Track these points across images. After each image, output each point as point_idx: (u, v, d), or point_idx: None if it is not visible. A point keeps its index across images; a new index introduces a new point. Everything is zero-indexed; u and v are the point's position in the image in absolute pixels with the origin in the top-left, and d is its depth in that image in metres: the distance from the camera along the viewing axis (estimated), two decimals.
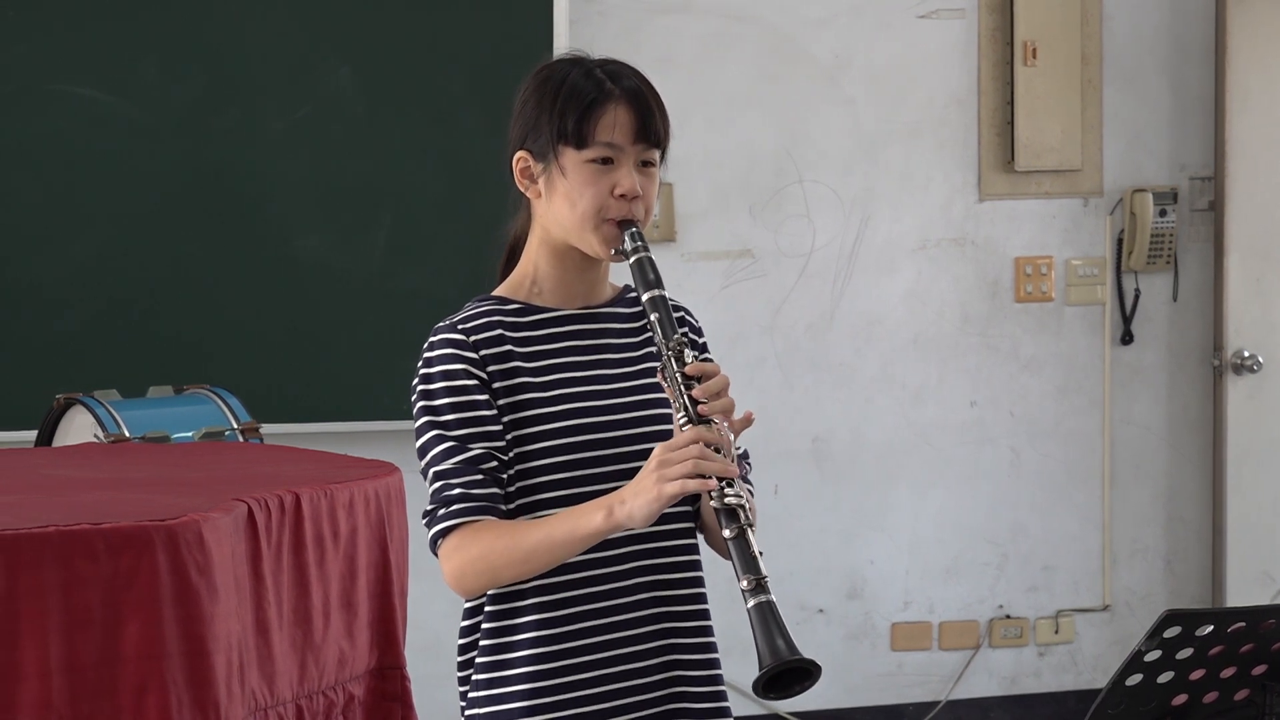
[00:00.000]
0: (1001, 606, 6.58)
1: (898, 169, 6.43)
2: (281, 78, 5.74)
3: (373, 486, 3.47)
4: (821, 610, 6.41)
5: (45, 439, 4.80)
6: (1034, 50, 6.41)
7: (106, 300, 5.62)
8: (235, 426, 4.66)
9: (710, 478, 2.55)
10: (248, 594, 3.06)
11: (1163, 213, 6.54)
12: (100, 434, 4.53)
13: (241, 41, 5.70)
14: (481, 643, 2.77)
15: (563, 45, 5.86)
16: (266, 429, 4.85)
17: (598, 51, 2.88)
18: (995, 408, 6.55)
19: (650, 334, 2.76)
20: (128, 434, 4.52)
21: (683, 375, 2.64)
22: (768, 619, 2.50)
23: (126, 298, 5.64)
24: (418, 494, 2.83)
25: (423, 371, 2.75)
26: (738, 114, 6.24)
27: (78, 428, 4.70)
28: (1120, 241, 6.61)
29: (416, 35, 5.82)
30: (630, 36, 6.07)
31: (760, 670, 2.48)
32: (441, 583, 2.74)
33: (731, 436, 2.63)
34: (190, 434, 4.60)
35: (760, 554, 2.56)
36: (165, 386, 5.05)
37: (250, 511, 3.10)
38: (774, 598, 2.53)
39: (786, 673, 2.49)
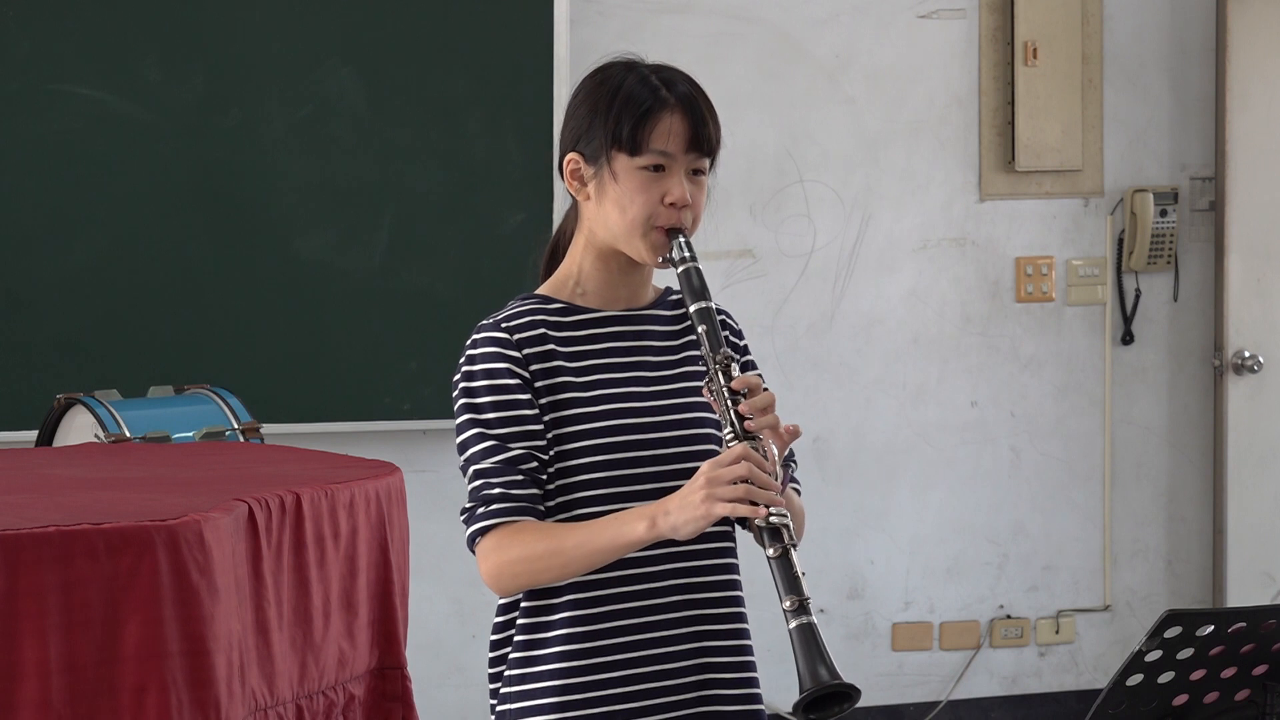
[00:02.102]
0: (1002, 606, 6.58)
1: (898, 169, 6.43)
2: (283, 78, 5.74)
3: (373, 486, 3.47)
4: (822, 610, 6.40)
5: (46, 439, 4.80)
6: (1034, 50, 6.41)
7: (107, 300, 5.62)
8: (236, 426, 4.66)
9: (759, 504, 2.57)
10: (248, 594, 3.06)
11: (1163, 213, 6.54)
12: (101, 434, 4.53)
13: (243, 41, 5.70)
14: (516, 638, 2.77)
15: (563, 45, 5.86)
16: (267, 429, 4.85)
17: (597, 52, 2.89)
18: (996, 408, 6.55)
19: (692, 336, 2.79)
20: (128, 434, 4.52)
21: (729, 390, 2.66)
22: (809, 642, 2.54)
23: (127, 298, 5.64)
24: (418, 494, 2.83)
25: (465, 369, 2.76)
26: (738, 114, 6.23)
27: (78, 428, 4.70)
28: (1121, 241, 6.61)
29: (417, 35, 5.82)
30: (631, 36, 6.07)
31: (801, 693, 2.49)
32: (443, 583, 2.75)
33: (776, 452, 2.65)
34: (191, 434, 4.60)
35: (803, 574, 2.58)
36: (166, 386, 5.05)
37: (251, 511, 3.10)
38: (816, 619, 2.55)
39: (826, 695, 2.52)
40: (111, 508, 3.06)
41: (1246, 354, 6.57)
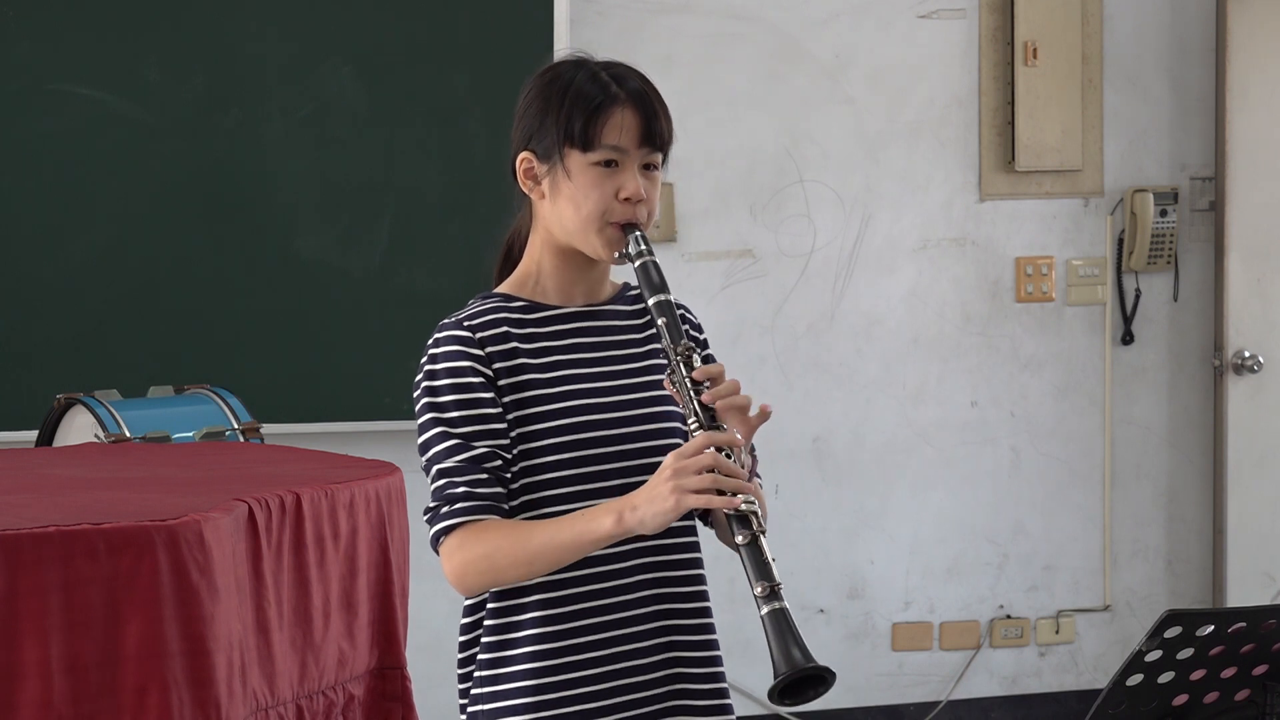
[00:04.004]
0: (1002, 606, 6.58)
1: (898, 169, 6.43)
2: (283, 77, 5.74)
3: (373, 486, 3.47)
4: (822, 610, 6.41)
5: (46, 439, 4.80)
6: (1034, 50, 6.41)
7: (107, 300, 5.62)
8: (236, 426, 4.66)
9: (727, 492, 2.56)
10: (248, 594, 3.06)
11: (1163, 213, 6.54)
12: (101, 434, 4.53)
13: (243, 41, 5.70)
14: (484, 640, 2.77)
15: (563, 45, 5.86)
16: (267, 429, 4.85)
17: (599, 51, 2.88)
18: (996, 408, 6.55)
19: (654, 331, 2.78)
20: (128, 434, 4.52)
21: (691, 380, 2.66)
22: (781, 627, 2.52)
23: (127, 298, 5.64)
24: (418, 494, 2.83)
25: (427, 368, 2.76)
26: (738, 114, 6.23)
27: (78, 428, 4.70)
28: (1121, 241, 6.61)
29: (417, 35, 5.83)
30: (630, 36, 6.07)
31: (775, 678, 2.48)
32: (443, 583, 2.75)
33: (740, 438, 2.64)
34: (191, 434, 4.60)
35: (773, 560, 2.57)
36: (166, 386, 5.05)
37: (251, 511, 3.10)
38: (788, 605, 2.54)
39: (801, 679, 2.51)
40: (111, 508, 3.06)
41: (1246, 354, 6.57)
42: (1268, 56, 6.55)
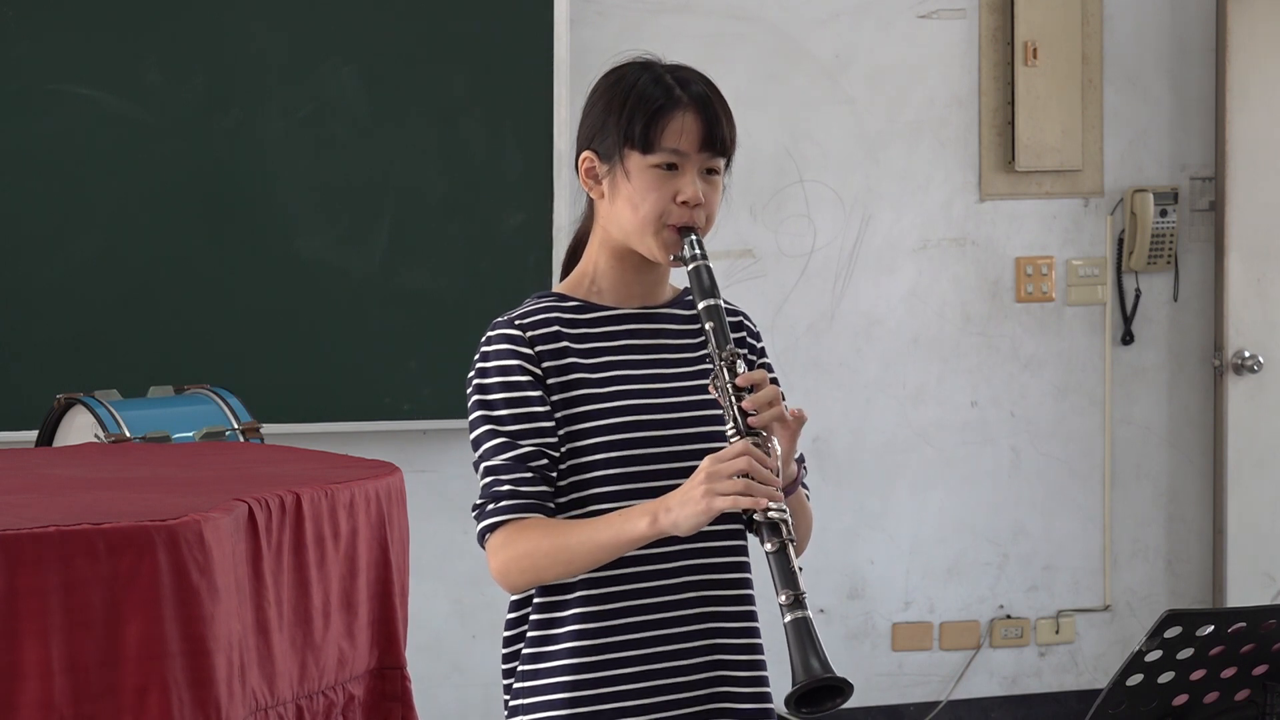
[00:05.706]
0: (1002, 606, 6.58)
1: (898, 169, 6.43)
2: (283, 77, 5.74)
3: (373, 487, 3.47)
4: (822, 610, 6.41)
5: (46, 439, 4.80)
6: (1034, 50, 6.41)
7: (106, 300, 5.62)
8: (236, 426, 4.66)
9: (758, 499, 2.59)
10: (248, 594, 3.06)
11: (1163, 213, 6.55)
12: (101, 434, 4.53)
13: (243, 41, 5.70)
14: (528, 634, 2.79)
15: (563, 45, 5.86)
16: (267, 429, 4.85)
17: (597, 52, 2.89)
18: (996, 408, 6.55)
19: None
20: (128, 434, 4.52)
21: (734, 386, 2.67)
22: (803, 635, 2.56)
23: (126, 298, 5.64)
24: (418, 494, 2.84)
25: (479, 365, 2.78)
26: (738, 114, 6.18)
27: (78, 428, 4.70)
28: (1121, 241, 6.61)
29: (417, 35, 5.83)
30: (630, 36, 6.06)
31: (793, 686, 2.50)
32: (443, 583, 2.76)
33: (779, 449, 2.65)
34: (191, 434, 4.60)
35: (800, 570, 2.60)
36: (166, 386, 5.05)
37: (251, 511, 3.10)
38: (811, 614, 2.57)
39: (819, 689, 2.53)
40: (111, 508, 3.06)
41: (1246, 354, 6.57)
42: (1268, 56, 6.55)
